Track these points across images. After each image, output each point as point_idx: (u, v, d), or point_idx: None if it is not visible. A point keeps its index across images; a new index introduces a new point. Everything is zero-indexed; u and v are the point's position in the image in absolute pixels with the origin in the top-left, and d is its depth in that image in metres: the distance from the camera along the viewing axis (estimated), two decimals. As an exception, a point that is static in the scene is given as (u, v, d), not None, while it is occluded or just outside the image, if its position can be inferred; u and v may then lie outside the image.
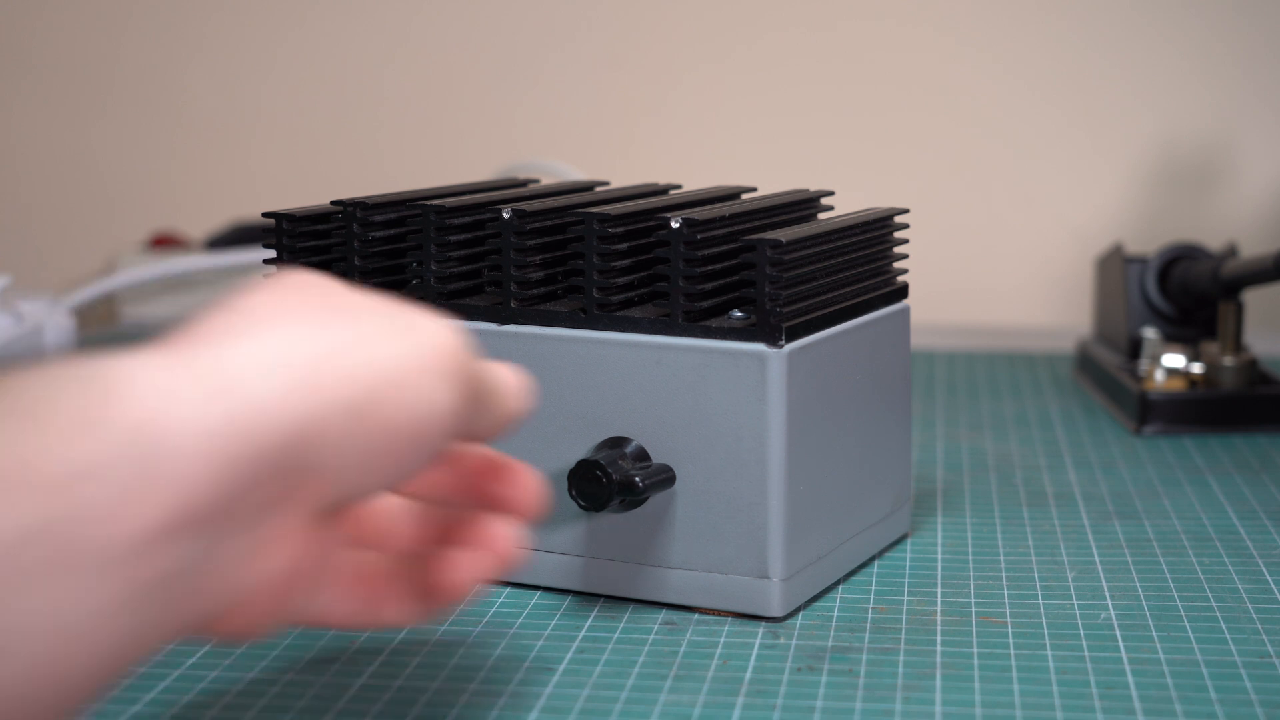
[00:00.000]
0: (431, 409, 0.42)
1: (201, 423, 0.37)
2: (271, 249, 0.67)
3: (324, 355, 0.40)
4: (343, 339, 0.41)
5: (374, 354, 0.41)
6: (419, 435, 0.42)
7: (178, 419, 0.37)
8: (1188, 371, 0.92)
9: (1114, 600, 0.63)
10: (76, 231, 1.43)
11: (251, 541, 0.39)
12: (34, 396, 0.36)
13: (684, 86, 1.34)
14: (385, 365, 0.41)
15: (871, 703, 0.53)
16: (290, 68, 1.39)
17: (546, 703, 0.53)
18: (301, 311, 0.42)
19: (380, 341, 0.42)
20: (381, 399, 0.41)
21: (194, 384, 0.38)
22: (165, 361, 0.38)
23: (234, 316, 0.41)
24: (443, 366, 0.43)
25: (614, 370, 0.61)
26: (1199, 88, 1.27)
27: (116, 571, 0.36)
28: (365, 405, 0.41)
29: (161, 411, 0.37)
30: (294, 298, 0.42)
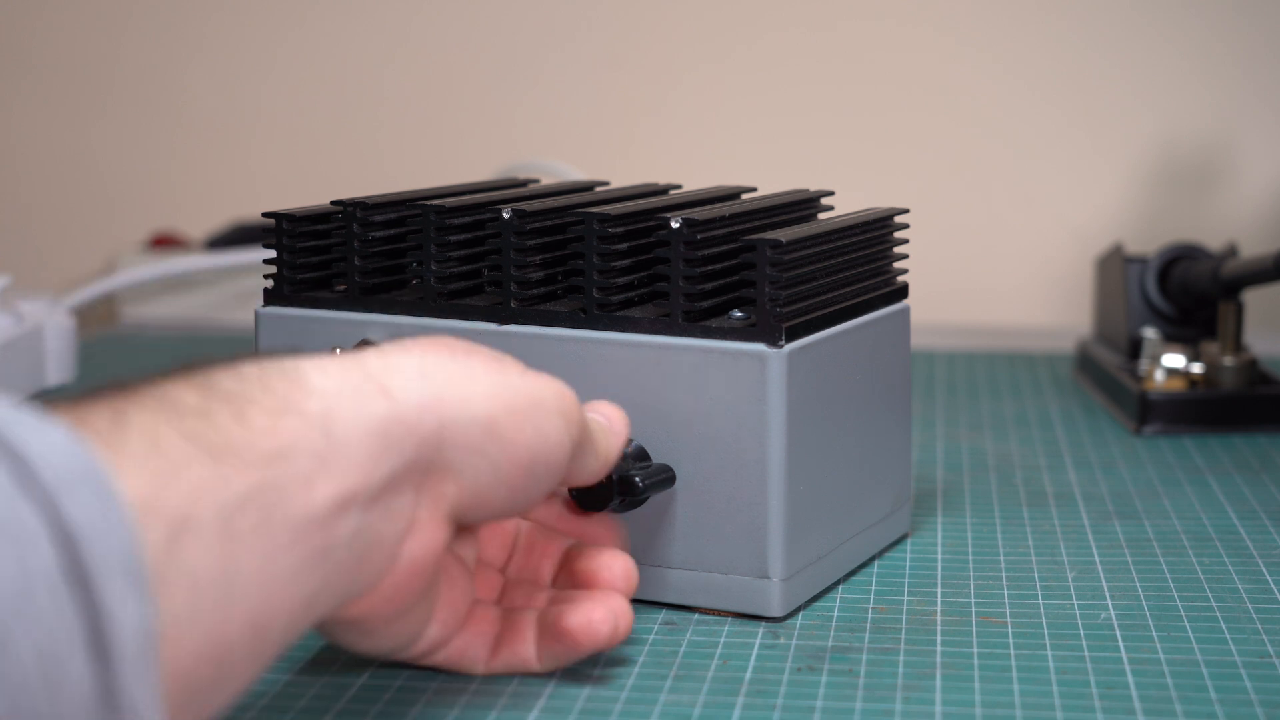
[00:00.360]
0: (549, 442, 0.50)
1: (369, 417, 0.44)
2: (271, 249, 0.67)
3: (465, 376, 0.48)
4: (482, 369, 0.49)
5: (508, 385, 0.49)
6: (538, 462, 0.49)
7: (351, 413, 0.44)
8: (1188, 371, 0.92)
9: (1114, 600, 0.63)
10: (76, 231, 1.43)
11: (398, 523, 0.46)
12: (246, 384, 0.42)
13: (684, 86, 1.34)
14: (516, 395, 0.49)
15: (871, 703, 0.53)
16: (290, 68, 1.39)
17: (546, 703, 0.53)
18: (451, 346, 0.49)
19: (512, 380, 0.49)
20: (509, 422, 0.48)
21: (363, 383, 0.45)
22: (343, 364, 0.46)
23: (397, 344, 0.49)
24: (562, 409, 0.51)
25: (614, 370, 0.61)
26: (1199, 88, 1.27)
27: (303, 537, 0.42)
28: (495, 424, 0.48)
29: (339, 405, 0.44)
30: (445, 341, 0.50)
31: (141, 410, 0.39)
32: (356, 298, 0.65)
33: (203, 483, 0.39)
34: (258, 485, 0.40)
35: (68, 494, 0.35)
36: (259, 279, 1.19)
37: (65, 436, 0.36)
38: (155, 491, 0.37)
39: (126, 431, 0.38)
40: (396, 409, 0.45)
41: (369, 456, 0.44)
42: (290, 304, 0.67)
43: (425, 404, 0.46)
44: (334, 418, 0.43)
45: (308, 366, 0.45)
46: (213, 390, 0.42)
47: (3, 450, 0.35)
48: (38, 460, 0.35)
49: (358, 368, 0.46)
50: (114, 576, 0.35)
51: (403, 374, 0.46)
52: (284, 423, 0.42)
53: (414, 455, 0.46)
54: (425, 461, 0.46)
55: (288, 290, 0.67)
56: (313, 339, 0.66)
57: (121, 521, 0.36)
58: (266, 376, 0.43)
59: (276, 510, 0.41)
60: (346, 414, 0.44)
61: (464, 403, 0.47)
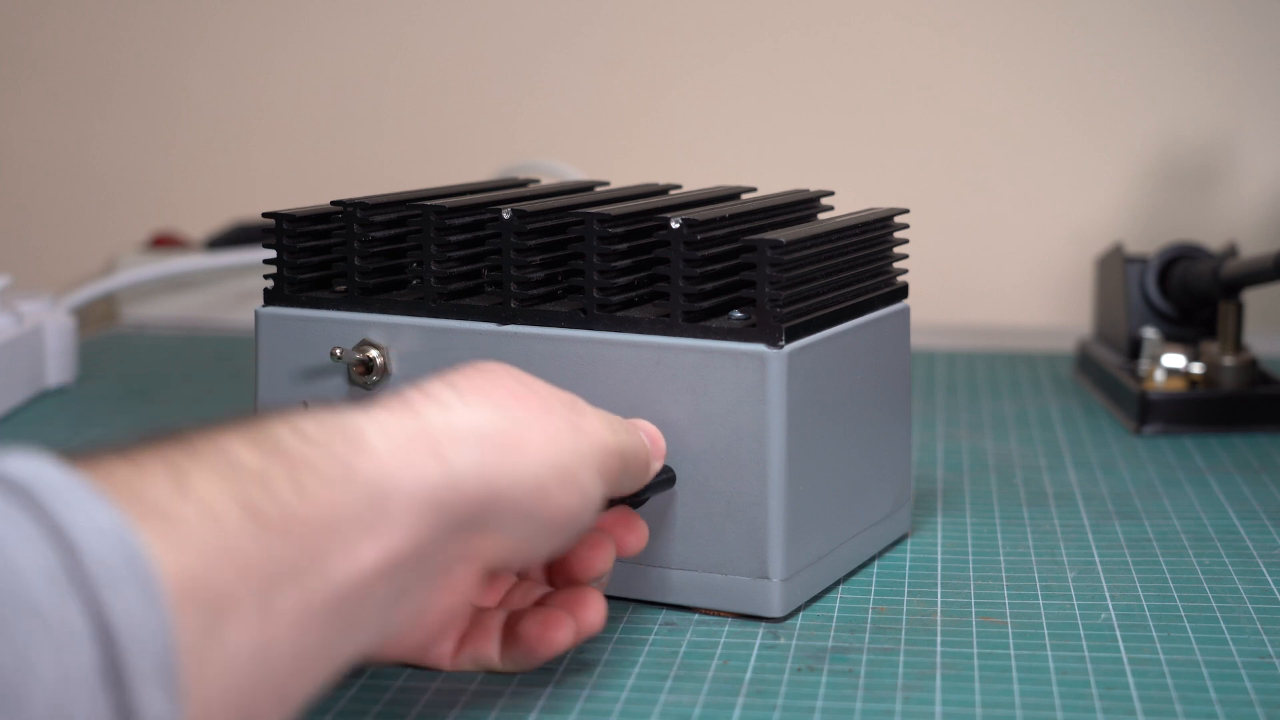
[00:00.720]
0: (589, 500, 0.51)
1: (422, 483, 0.45)
2: (271, 249, 0.67)
3: (520, 439, 0.48)
4: (536, 427, 0.49)
5: (557, 446, 0.49)
6: (574, 519, 0.51)
7: (406, 478, 0.44)
8: (1188, 371, 0.92)
9: (1114, 600, 0.63)
10: (76, 231, 1.43)
11: (434, 581, 0.47)
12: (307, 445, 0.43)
13: (684, 86, 1.34)
14: (565, 457, 0.50)
15: (871, 703, 0.53)
16: (290, 68, 1.39)
17: (546, 703, 0.53)
18: (506, 395, 0.50)
19: (563, 436, 0.50)
20: (557, 487, 0.49)
21: (421, 446, 0.45)
22: (402, 423, 0.46)
23: (455, 389, 0.49)
24: (603, 464, 0.52)
25: (614, 370, 0.61)
26: (1199, 88, 1.27)
27: (340, 607, 0.42)
28: (543, 490, 0.49)
29: (395, 470, 0.44)
30: (500, 381, 0.51)
31: (202, 473, 0.39)
32: (356, 298, 0.65)
33: (251, 559, 0.39)
34: (302, 560, 0.40)
35: (111, 587, 0.35)
36: (259, 279, 1.19)
37: (114, 518, 0.36)
38: (204, 571, 0.38)
39: (185, 499, 0.38)
40: (450, 476, 0.46)
41: (417, 522, 0.44)
42: (290, 304, 0.67)
43: (478, 470, 0.47)
44: (387, 483, 0.44)
45: (369, 426, 0.45)
46: (274, 451, 0.42)
47: (55, 534, 0.35)
48: (85, 548, 0.35)
49: (418, 428, 0.46)
50: (148, 676, 0.35)
51: (461, 439, 0.47)
52: (338, 493, 0.42)
53: (461, 518, 0.46)
54: (472, 523, 0.47)
55: (288, 290, 0.67)
56: (313, 339, 0.66)
57: (161, 616, 0.36)
58: (329, 437, 0.43)
59: (317, 585, 0.41)
60: (400, 479, 0.44)
61: (516, 468, 0.48)
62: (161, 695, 0.36)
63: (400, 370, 0.64)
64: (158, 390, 1.03)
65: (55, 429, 0.92)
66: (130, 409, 0.97)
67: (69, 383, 1.02)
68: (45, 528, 0.35)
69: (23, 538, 0.35)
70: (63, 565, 0.35)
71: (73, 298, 1.16)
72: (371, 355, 0.64)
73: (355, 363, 0.65)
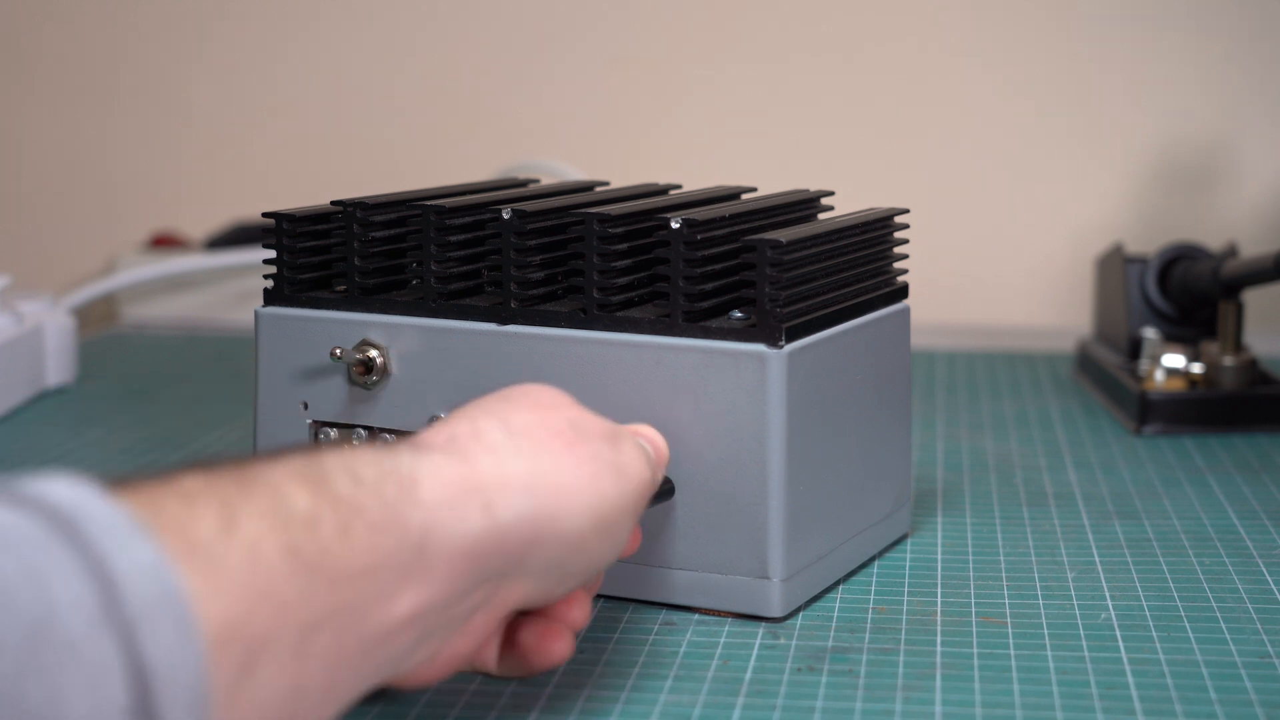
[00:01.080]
0: (619, 546, 0.51)
1: (466, 536, 0.45)
2: (271, 249, 0.67)
3: (565, 491, 0.48)
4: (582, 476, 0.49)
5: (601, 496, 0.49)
6: (604, 566, 0.51)
7: (452, 531, 0.44)
8: (1188, 371, 0.92)
9: (1114, 600, 0.63)
10: (76, 231, 1.43)
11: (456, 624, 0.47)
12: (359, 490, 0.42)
13: (684, 86, 1.34)
14: (607, 508, 0.50)
15: (871, 703, 0.53)
16: (291, 68, 1.39)
17: (547, 703, 0.53)
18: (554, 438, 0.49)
19: (606, 485, 0.50)
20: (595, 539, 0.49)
21: (472, 497, 0.45)
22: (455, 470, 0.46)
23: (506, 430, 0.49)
24: (638, 506, 0.52)
25: (614, 370, 0.61)
26: (1199, 89, 1.27)
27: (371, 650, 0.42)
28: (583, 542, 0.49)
29: (443, 522, 0.44)
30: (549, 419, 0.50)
31: (251, 515, 0.39)
32: (356, 298, 0.65)
33: (290, 603, 0.39)
34: (340, 606, 0.41)
35: (148, 625, 0.35)
36: (259, 279, 1.19)
37: (155, 555, 0.36)
38: (243, 614, 0.38)
39: (231, 539, 0.38)
40: (494, 528, 0.46)
41: (455, 574, 0.45)
42: (290, 304, 0.67)
43: (522, 522, 0.47)
44: (432, 533, 0.44)
45: (423, 472, 0.45)
46: (325, 492, 0.42)
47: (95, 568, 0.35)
48: (124, 584, 0.35)
49: (471, 476, 0.46)
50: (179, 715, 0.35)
51: (510, 489, 0.47)
52: (384, 539, 0.42)
53: (497, 568, 0.47)
54: (506, 572, 0.47)
55: (288, 290, 0.67)
56: (313, 339, 0.66)
57: (196, 656, 0.36)
58: (381, 481, 0.43)
59: (352, 629, 0.41)
60: (445, 530, 0.44)
61: (556, 521, 0.48)
62: None
63: (400, 370, 0.64)
64: (158, 390, 1.03)
65: (55, 429, 0.92)
66: (130, 409, 0.97)
67: (69, 383, 1.02)
68: (85, 561, 0.35)
69: (63, 572, 0.35)
70: (100, 601, 0.35)
71: (73, 298, 1.16)
72: (371, 355, 0.64)
73: (355, 363, 0.65)
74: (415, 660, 0.46)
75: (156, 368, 1.11)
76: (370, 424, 0.65)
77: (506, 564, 0.47)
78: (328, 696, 0.41)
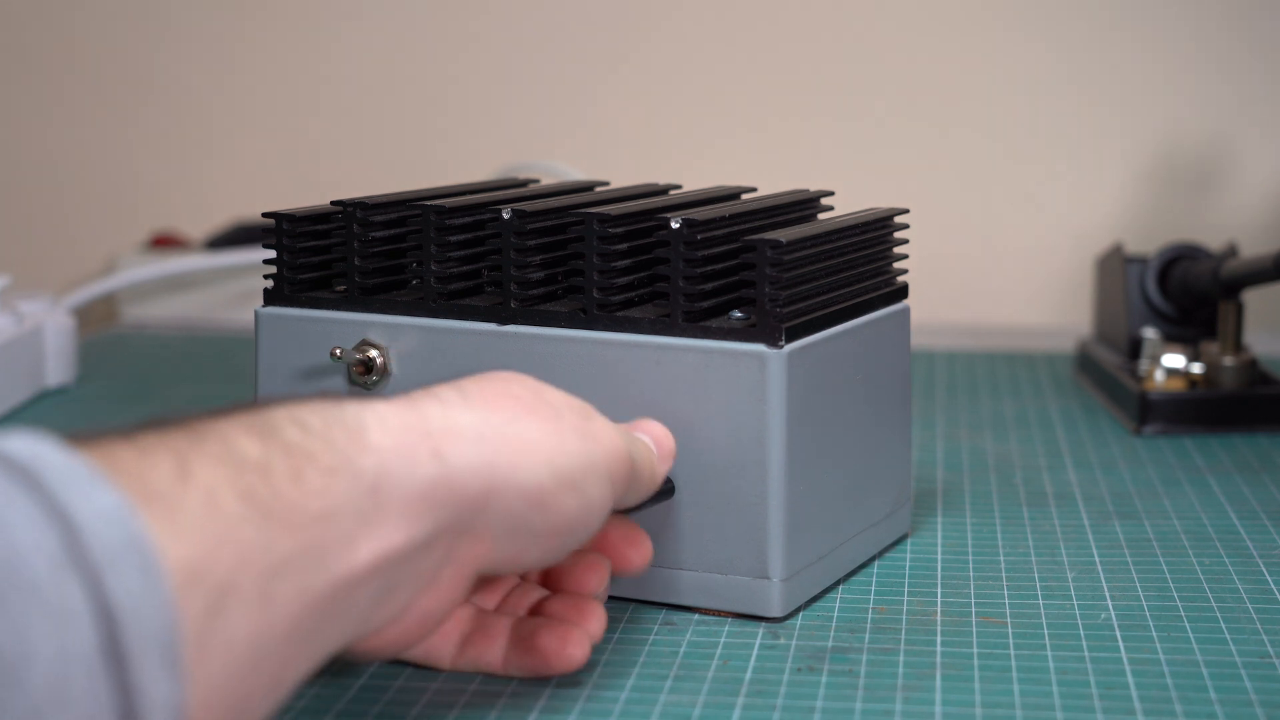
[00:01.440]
0: (592, 509, 0.50)
1: (418, 479, 0.45)
2: (271, 249, 0.67)
3: (522, 442, 0.48)
4: (541, 431, 0.49)
5: (562, 451, 0.49)
6: (577, 528, 0.50)
7: (403, 474, 0.44)
8: (1188, 371, 0.92)
9: (1114, 600, 0.63)
10: (76, 231, 1.43)
11: (421, 579, 0.47)
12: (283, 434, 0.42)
13: (684, 86, 1.34)
14: (569, 462, 0.49)
15: (871, 703, 0.53)
16: (290, 68, 1.39)
17: (546, 703, 0.53)
18: (513, 401, 0.49)
19: (569, 442, 0.49)
20: (557, 493, 0.49)
21: (420, 441, 0.45)
22: (402, 417, 0.46)
23: (461, 392, 0.49)
24: (613, 471, 0.51)
25: (614, 370, 0.61)
26: (1199, 88, 1.27)
27: (334, 597, 0.42)
28: (543, 494, 0.48)
29: (393, 464, 0.44)
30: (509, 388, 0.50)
31: (204, 463, 0.40)
32: (356, 298, 0.65)
33: (251, 548, 0.39)
34: (301, 549, 0.41)
35: (112, 568, 0.35)
36: (259, 279, 1.19)
37: (116, 501, 0.36)
38: (204, 558, 0.38)
39: (187, 488, 0.39)
40: (446, 472, 0.46)
41: (411, 518, 0.44)
42: (290, 304, 0.67)
43: (476, 469, 0.46)
44: (384, 477, 0.44)
45: (370, 419, 0.45)
46: (274, 440, 0.42)
47: (57, 515, 0.36)
48: (87, 529, 0.36)
49: (419, 423, 0.46)
50: (150, 655, 0.36)
51: (460, 436, 0.46)
52: (336, 483, 0.42)
53: (453, 518, 0.46)
54: (464, 524, 0.47)
55: (288, 290, 0.67)
56: (313, 339, 0.66)
57: (163, 597, 0.36)
58: (329, 429, 0.44)
59: (314, 574, 0.41)
60: (397, 474, 0.44)
61: (514, 471, 0.47)
62: (164, 675, 0.36)
63: (400, 370, 0.64)
64: (158, 390, 1.03)
65: (55, 429, 0.92)
66: (130, 409, 0.97)
67: (69, 383, 1.02)
68: (46, 508, 0.36)
69: (23, 517, 0.35)
70: (63, 546, 0.35)
71: (73, 298, 1.16)
72: (371, 355, 0.64)
73: (355, 363, 0.65)
74: (381, 616, 0.46)
75: (156, 368, 1.11)
76: (370, 424, 0.65)
77: (462, 513, 0.46)
78: (296, 648, 0.41)
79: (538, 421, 0.49)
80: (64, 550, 0.35)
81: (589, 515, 0.50)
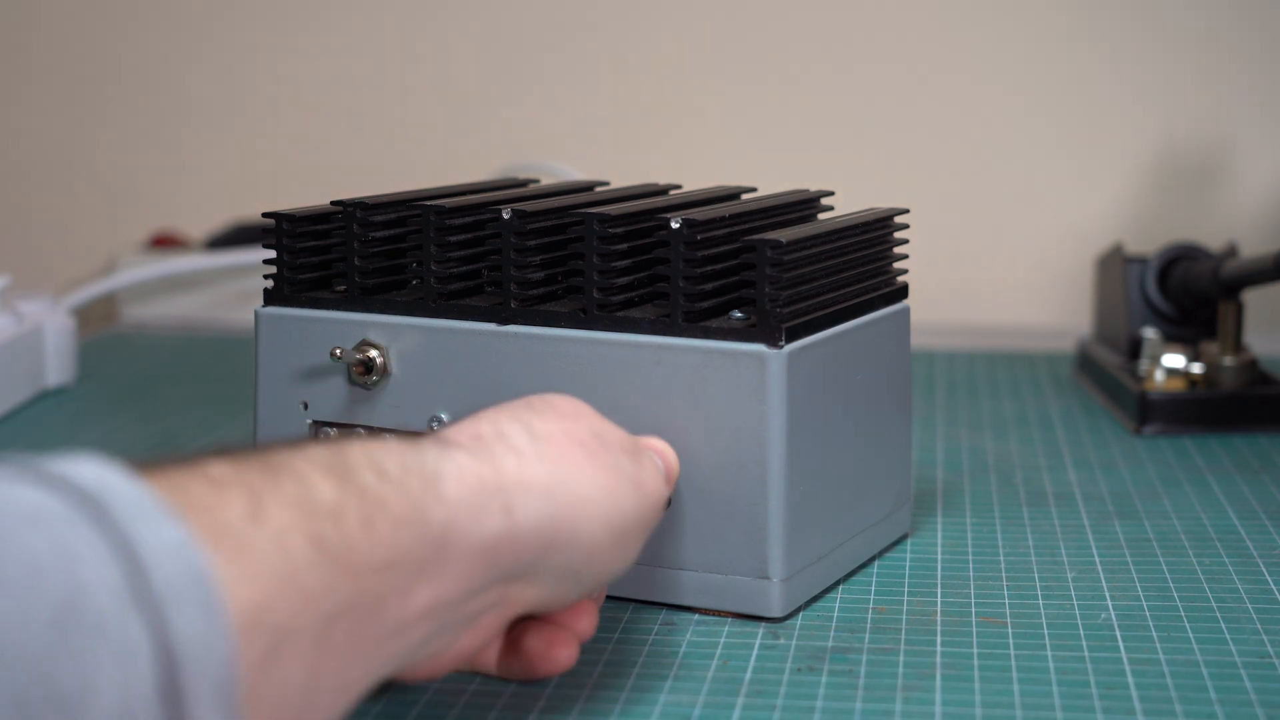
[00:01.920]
0: (630, 560, 0.52)
1: (485, 536, 0.45)
2: (271, 249, 0.67)
3: (585, 500, 0.49)
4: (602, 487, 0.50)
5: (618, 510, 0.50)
6: (615, 577, 0.52)
7: (472, 529, 0.45)
8: (1188, 371, 0.92)
9: (1114, 600, 0.63)
10: (76, 231, 1.43)
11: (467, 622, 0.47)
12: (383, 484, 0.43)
13: (685, 87, 1.34)
14: (622, 522, 0.50)
15: (871, 703, 0.53)
16: (291, 68, 1.39)
17: (547, 703, 0.53)
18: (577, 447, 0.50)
19: (624, 499, 0.50)
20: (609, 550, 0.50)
21: (494, 498, 0.46)
22: (478, 470, 0.46)
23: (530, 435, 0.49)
24: (653, 523, 0.53)
25: (614, 370, 0.61)
26: (1199, 88, 1.27)
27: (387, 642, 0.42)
28: (596, 552, 0.49)
29: (463, 519, 0.45)
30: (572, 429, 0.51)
31: (279, 503, 0.40)
32: (356, 298, 0.65)
33: (314, 593, 0.39)
34: (360, 595, 0.41)
35: (176, 606, 0.35)
36: (259, 279, 1.19)
37: (182, 537, 0.36)
38: (269, 601, 0.38)
39: (259, 528, 0.38)
40: (513, 529, 0.46)
41: (471, 572, 0.45)
42: (290, 304, 0.67)
43: (540, 528, 0.47)
44: (452, 530, 0.44)
45: (448, 469, 0.45)
46: (350, 485, 0.42)
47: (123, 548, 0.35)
48: (152, 564, 0.35)
49: (494, 478, 0.46)
50: (205, 695, 0.35)
51: (531, 493, 0.47)
52: (404, 534, 0.43)
53: (511, 571, 0.47)
54: (518, 574, 0.48)
55: (288, 290, 0.67)
56: (313, 339, 0.66)
57: (223, 638, 0.36)
58: (406, 476, 0.44)
59: (370, 620, 0.41)
60: (464, 528, 0.45)
61: (574, 530, 0.48)
62: (217, 716, 0.35)
63: (400, 370, 0.64)
64: (158, 390, 1.03)
65: (55, 429, 0.92)
66: (130, 409, 0.97)
67: (69, 383, 1.02)
68: (113, 541, 0.35)
69: (90, 550, 0.35)
70: (128, 581, 0.35)
71: (73, 298, 1.16)
72: (371, 355, 0.64)
73: (355, 363, 0.65)
74: (426, 654, 0.46)
75: (156, 368, 1.11)
76: (370, 424, 0.65)
77: (520, 566, 0.47)
78: (342, 688, 0.41)
79: (599, 473, 0.50)
80: (128, 586, 0.35)
81: (626, 566, 0.52)
